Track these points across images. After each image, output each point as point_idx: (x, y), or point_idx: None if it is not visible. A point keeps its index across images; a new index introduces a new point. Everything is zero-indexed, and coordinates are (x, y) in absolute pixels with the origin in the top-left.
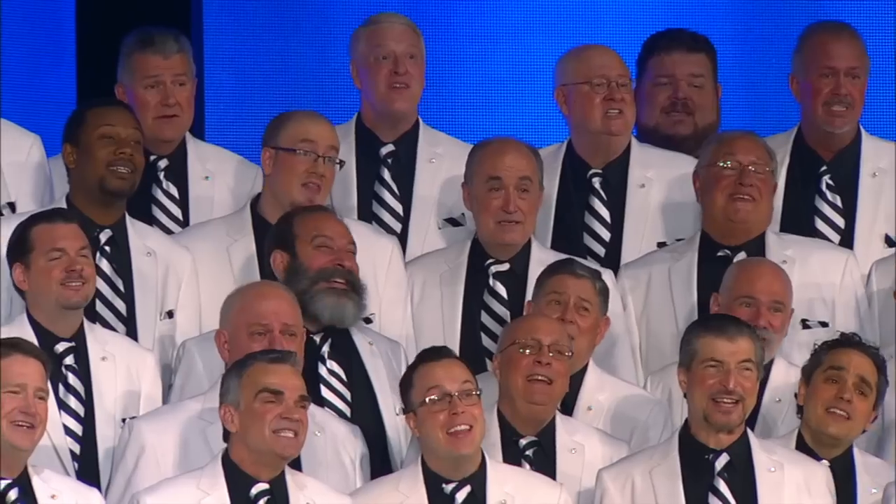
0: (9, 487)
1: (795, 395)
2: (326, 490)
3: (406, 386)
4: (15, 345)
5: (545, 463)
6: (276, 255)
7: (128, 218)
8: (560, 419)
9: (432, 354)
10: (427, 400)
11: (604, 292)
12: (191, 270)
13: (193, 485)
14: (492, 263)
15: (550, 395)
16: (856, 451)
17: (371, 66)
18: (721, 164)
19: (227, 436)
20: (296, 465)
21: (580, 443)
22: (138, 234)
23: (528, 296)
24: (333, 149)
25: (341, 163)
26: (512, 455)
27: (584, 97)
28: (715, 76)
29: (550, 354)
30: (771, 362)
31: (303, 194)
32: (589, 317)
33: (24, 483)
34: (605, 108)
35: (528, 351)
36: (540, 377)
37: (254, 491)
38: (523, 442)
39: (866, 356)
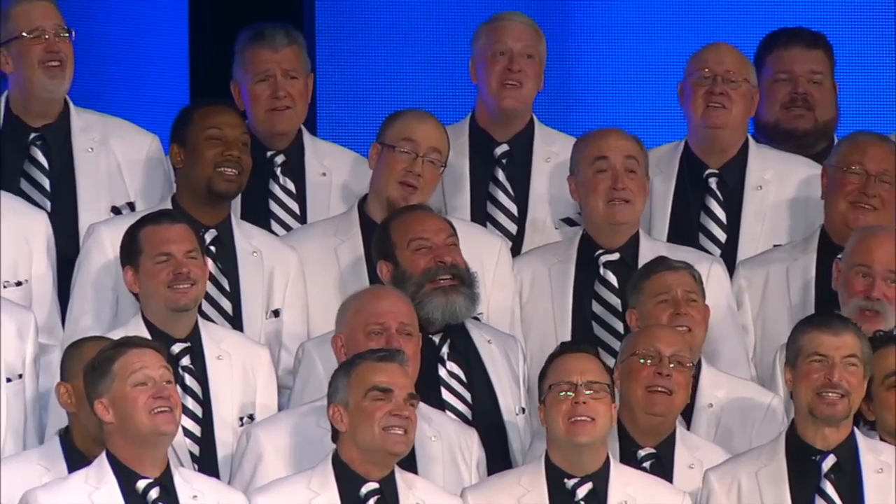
0: (150, 486)
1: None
2: (436, 489)
3: (541, 376)
4: (125, 342)
5: (662, 476)
6: (380, 266)
7: (233, 218)
8: (681, 433)
9: (570, 346)
10: (554, 388)
11: (701, 281)
12: (297, 269)
13: (304, 484)
14: (602, 253)
15: (670, 406)
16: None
17: (488, 62)
18: (847, 170)
19: (335, 435)
20: (411, 468)
21: (700, 459)
22: (244, 233)
23: None
24: (435, 150)
25: (444, 165)
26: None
27: (691, 89)
28: (832, 73)
29: (671, 365)
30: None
31: (398, 192)
32: (699, 307)
33: (166, 482)
34: (707, 101)
35: (648, 361)
36: (660, 388)
37: (364, 490)
38: (641, 453)
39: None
